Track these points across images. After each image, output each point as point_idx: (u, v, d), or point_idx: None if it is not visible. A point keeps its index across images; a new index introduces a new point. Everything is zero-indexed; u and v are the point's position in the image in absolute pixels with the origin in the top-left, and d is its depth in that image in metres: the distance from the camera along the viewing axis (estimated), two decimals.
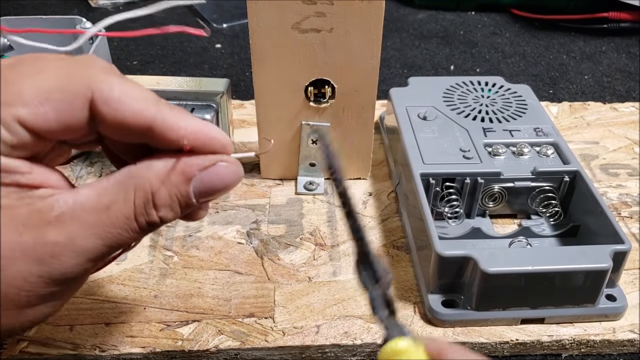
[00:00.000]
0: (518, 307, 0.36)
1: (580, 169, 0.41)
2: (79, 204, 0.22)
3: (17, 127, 0.21)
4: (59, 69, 0.22)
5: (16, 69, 0.21)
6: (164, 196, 0.23)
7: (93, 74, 0.22)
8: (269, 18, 0.39)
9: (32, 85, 0.21)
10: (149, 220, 0.23)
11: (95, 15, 0.78)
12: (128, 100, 0.22)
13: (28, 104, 0.21)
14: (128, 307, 0.37)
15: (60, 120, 0.21)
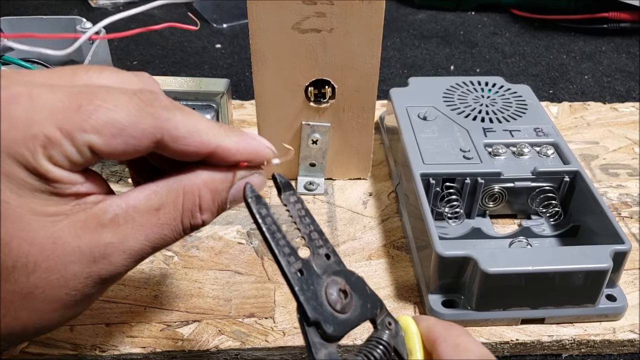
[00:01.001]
0: (518, 307, 0.36)
1: (580, 169, 0.41)
2: (131, 207, 0.24)
3: (86, 151, 0.22)
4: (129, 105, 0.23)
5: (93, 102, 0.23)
6: (209, 201, 0.25)
7: (160, 113, 0.24)
8: (269, 18, 0.39)
9: (108, 118, 0.22)
10: (194, 223, 0.25)
11: (95, 15, 0.78)
12: (193, 136, 0.24)
13: (102, 134, 0.22)
14: (128, 307, 0.37)
15: (126, 151, 0.23)
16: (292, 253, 0.23)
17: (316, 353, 0.22)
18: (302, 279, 0.23)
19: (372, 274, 0.40)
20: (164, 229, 0.24)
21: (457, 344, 0.23)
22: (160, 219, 0.24)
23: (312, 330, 0.22)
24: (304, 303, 0.23)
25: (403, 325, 0.25)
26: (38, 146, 0.21)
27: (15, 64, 0.43)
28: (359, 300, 0.24)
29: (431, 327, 0.24)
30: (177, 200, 0.24)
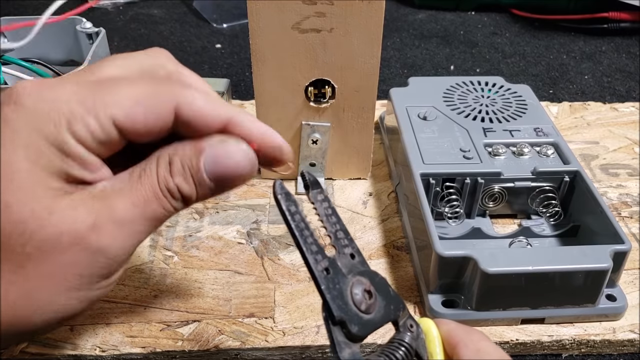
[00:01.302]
0: (518, 307, 0.36)
1: (580, 169, 0.41)
2: (118, 179, 0.25)
3: (110, 126, 0.24)
4: (148, 82, 0.25)
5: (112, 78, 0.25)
6: (178, 165, 0.25)
7: (176, 86, 0.25)
8: (269, 18, 0.39)
9: (127, 90, 0.24)
10: (169, 187, 0.25)
11: (95, 15, 0.78)
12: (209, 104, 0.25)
13: (122, 105, 0.24)
14: (128, 307, 0.37)
15: (148, 124, 0.24)
16: (319, 251, 0.23)
17: (340, 352, 0.22)
18: (328, 277, 0.23)
19: None
20: (147, 192, 0.24)
21: (479, 349, 0.23)
22: (142, 184, 0.24)
23: (337, 330, 0.23)
24: (330, 302, 0.23)
25: (424, 328, 0.25)
26: (63, 120, 0.23)
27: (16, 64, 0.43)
28: (382, 301, 0.24)
29: (452, 331, 0.25)
30: (152, 166, 0.25)
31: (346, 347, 0.22)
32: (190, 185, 0.25)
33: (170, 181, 0.25)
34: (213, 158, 0.25)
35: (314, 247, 0.23)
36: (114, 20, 0.77)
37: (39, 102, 0.23)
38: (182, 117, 0.25)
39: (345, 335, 0.23)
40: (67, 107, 0.23)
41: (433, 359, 0.24)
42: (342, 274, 0.24)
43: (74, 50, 0.50)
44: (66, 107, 0.23)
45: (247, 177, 0.26)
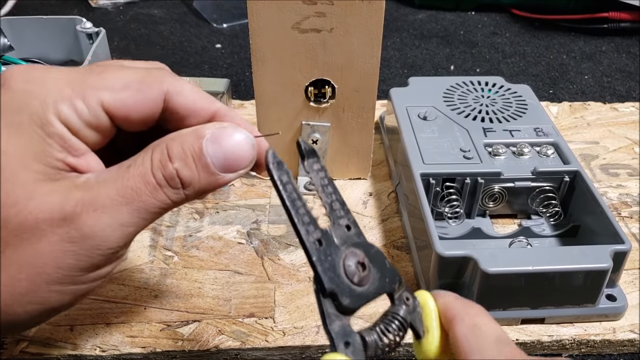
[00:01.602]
0: (518, 307, 0.36)
1: (580, 169, 0.41)
2: (105, 171, 0.24)
3: (98, 109, 0.24)
4: (138, 70, 0.25)
5: (102, 67, 0.25)
6: (178, 149, 0.24)
7: (166, 75, 0.25)
8: (269, 18, 0.39)
9: (116, 75, 0.24)
10: (166, 173, 0.24)
11: (95, 15, 0.78)
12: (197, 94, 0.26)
13: (111, 89, 0.24)
14: (128, 307, 0.37)
15: (137, 107, 0.24)
16: (311, 222, 0.23)
17: (330, 324, 0.22)
18: (320, 249, 0.23)
19: None
20: (135, 182, 0.23)
21: (475, 324, 0.23)
22: (130, 172, 0.23)
23: (328, 302, 0.22)
24: (320, 273, 0.22)
25: (421, 301, 0.24)
26: (49, 101, 0.23)
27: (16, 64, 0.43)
28: (377, 273, 0.24)
29: (449, 304, 0.24)
30: (146, 155, 0.24)
31: (337, 319, 0.22)
32: (192, 169, 0.24)
33: (168, 166, 0.24)
34: (215, 141, 0.24)
35: (306, 218, 0.23)
36: (114, 20, 0.77)
37: (26, 83, 0.23)
38: (172, 104, 0.25)
39: (336, 308, 0.22)
40: (55, 88, 0.23)
41: (429, 335, 0.24)
42: (335, 245, 0.23)
43: (74, 50, 0.50)
44: (54, 87, 0.23)
45: (249, 159, 0.25)
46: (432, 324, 0.24)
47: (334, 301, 0.22)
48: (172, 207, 0.25)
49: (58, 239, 0.22)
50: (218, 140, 0.24)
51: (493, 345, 0.22)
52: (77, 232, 0.22)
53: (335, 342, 0.21)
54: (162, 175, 0.24)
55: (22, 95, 0.23)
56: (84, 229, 0.22)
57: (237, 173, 0.25)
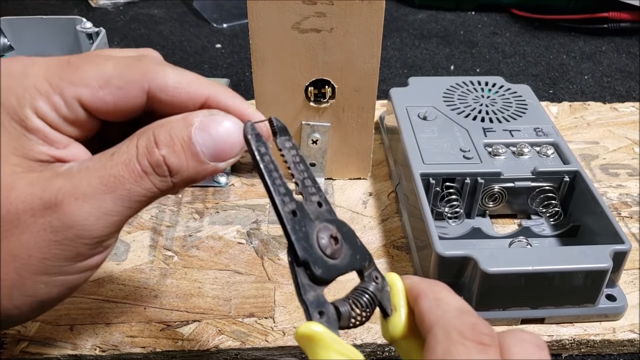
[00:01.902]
0: (518, 307, 0.36)
1: (580, 169, 0.41)
2: (88, 159, 0.24)
3: (76, 105, 0.23)
4: (120, 60, 0.24)
5: (82, 58, 0.24)
6: (165, 135, 0.23)
7: (148, 66, 0.24)
8: (269, 18, 0.39)
9: (95, 70, 0.23)
10: (152, 160, 0.23)
11: (95, 15, 0.78)
12: (182, 85, 0.24)
13: (89, 85, 0.23)
14: (128, 307, 0.37)
15: (117, 105, 0.24)
16: (287, 194, 0.23)
17: (305, 294, 0.22)
18: (295, 219, 0.23)
19: None
20: (119, 169, 0.23)
21: (438, 298, 0.23)
22: (113, 160, 0.23)
23: (302, 272, 0.22)
24: (294, 242, 0.23)
25: (390, 281, 0.25)
26: (27, 96, 0.22)
27: None
28: (348, 250, 0.24)
29: (415, 284, 0.25)
30: (131, 142, 0.23)
31: (310, 289, 0.22)
32: (180, 156, 0.23)
33: (155, 152, 0.23)
34: (204, 129, 0.24)
35: (282, 189, 0.23)
36: (114, 20, 0.77)
37: (5, 79, 0.23)
38: (156, 96, 0.24)
39: (309, 277, 0.22)
40: (32, 84, 0.23)
41: (396, 313, 0.24)
42: (309, 218, 0.24)
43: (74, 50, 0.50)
44: (31, 83, 0.23)
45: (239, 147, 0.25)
46: (400, 302, 0.24)
47: (306, 270, 0.23)
48: (159, 195, 0.24)
49: (41, 228, 0.22)
50: (207, 129, 0.24)
51: (456, 313, 0.22)
52: (58, 221, 0.22)
53: (310, 312, 0.22)
54: (147, 162, 0.23)
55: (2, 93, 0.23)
56: (66, 217, 0.22)
57: (227, 162, 0.25)
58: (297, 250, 0.22)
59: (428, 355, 0.21)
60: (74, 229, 0.22)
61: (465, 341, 0.21)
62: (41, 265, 0.22)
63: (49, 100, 0.23)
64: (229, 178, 0.47)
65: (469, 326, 0.22)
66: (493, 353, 0.21)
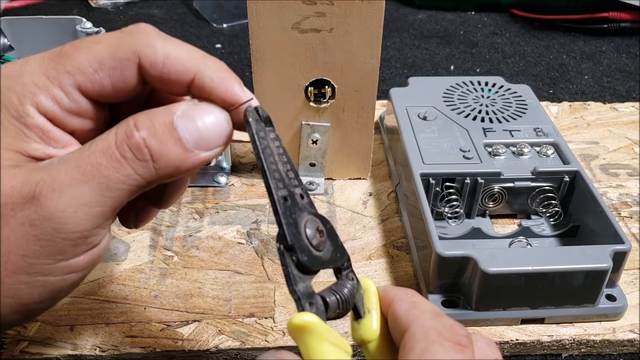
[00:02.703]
0: (518, 307, 0.36)
1: (580, 169, 0.41)
2: (69, 153, 0.23)
3: (77, 95, 0.23)
4: (110, 39, 0.24)
5: (74, 45, 0.24)
6: (145, 120, 0.23)
7: (138, 39, 0.24)
8: (269, 18, 0.39)
9: (87, 55, 0.23)
10: (130, 142, 0.22)
11: (95, 15, 0.78)
12: (170, 61, 0.24)
13: (84, 72, 0.23)
14: (128, 307, 0.37)
15: (115, 85, 0.23)
16: (281, 180, 0.24)
17: (295, 284, 0.22)
18: (286, 205, 0.23)
19: (372, 274, 0.40)
20: (96, 157, 0.22)
21: (414, 301, 0.24)
22: (91, 148, 0.22)
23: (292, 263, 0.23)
24: (285, 227, 0.23)
25: (364, 285, 0.25)
26: (27, 93, 0.22)
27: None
28: (331, 246, 0.25)
29: (389, 289, 0.25)
30: (110, 130, 0.23)
31: (300, 280, 0.23)
32: (161, 140, 0.23)
33: (134, 135, 0.22)
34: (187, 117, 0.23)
35: (276, 174, 0.24)
36: (114, 20, 0.77)
37: (4, 80, 0.23)
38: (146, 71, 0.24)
39: (295, 265, 0.23)
40: (31, 80, 0.23)
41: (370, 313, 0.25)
42: (298, 207, 0.24)
43: None
44: (29, 79, 0.23)
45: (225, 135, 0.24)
46: (373, 305, 0.25)
47: (292, 256, 0.23)
48: (142, 184, 0.23)
49: (19, 222, 0.21)
50: (191, 117, 0.23)
51: (433, 315, 0.23)
52: (36, 214, 0.21)
53: (302, 302, 0.22)
54: (126, 146, 0.22)
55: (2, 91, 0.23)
56: (43, 210, 0.21)
57: (212, 151, 0.24)
58: (286, 235, 0.23)
59: (406, 355, 0.22)
60: (52, 222, 0.22)
61: (443, 341, 0.22)
62: (21, 263, 0.22)
63: (49, 94, 0.23)
64: (229, 178, 0.47)
65: (446, 327, 0.22)
66: (469, 353, 0.22)
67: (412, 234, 0.41)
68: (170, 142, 0.23)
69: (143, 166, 0.22)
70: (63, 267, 0.23)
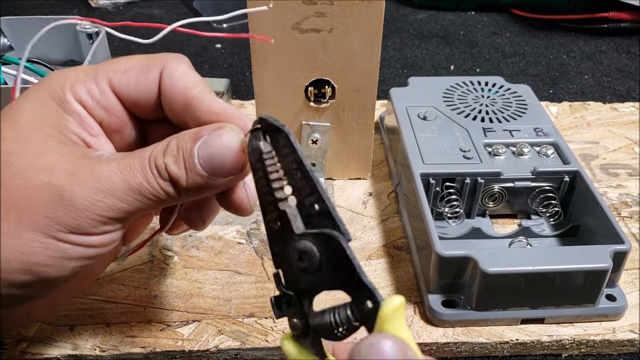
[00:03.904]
0: (518, 307, 0.36)
1: (580, 169, 0.41)
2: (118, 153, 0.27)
3: (108, 90, 0.27)
4: (144, 55, 0.28)
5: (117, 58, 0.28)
6: (173, 147, 0.26)
7: (167, 59, 0.28)
8: (269, 18, 0.39)
9: (124, 61, 0.28)
10: (157, 162, 0.25)
11: (95, 16, 0.78)
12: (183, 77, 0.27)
13: (117, 71, 0.27)
14: (128, 307, 0.37)
15: (139, 87, 0.27)
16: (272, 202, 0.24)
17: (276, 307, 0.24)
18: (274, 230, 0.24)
19: (372, 274, 0.40)
20: (134, 162, 0.25)
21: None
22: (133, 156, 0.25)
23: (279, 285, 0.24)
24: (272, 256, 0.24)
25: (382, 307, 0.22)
26: (68, 84, 0.26)
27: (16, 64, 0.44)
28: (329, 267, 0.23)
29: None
30: (153, 145, 0.26)
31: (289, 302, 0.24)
32: (180, 167, 0.25)
33: (160, 158, 0.25)
34: (206, 142, 0.25)
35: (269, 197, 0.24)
36: (114, 20, 0.77)
37: (55, 75, 0.27)
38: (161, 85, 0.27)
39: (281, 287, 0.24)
40: (74, 74, 0.27)
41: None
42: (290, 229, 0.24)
43: (74, 50, 0.50)
44: (72, 74, 0.27)
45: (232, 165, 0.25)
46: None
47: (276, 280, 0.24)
48: (166, 200, 0.26)
49: (50, 191, 0.24)
50: (209, 142, 0.25)
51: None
52: (69, 188, 0.24)
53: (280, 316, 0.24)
54: (155, 166, 0.25)
55: (48, 81, 0.27)
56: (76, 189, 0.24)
57: (227, 178, 0.26)
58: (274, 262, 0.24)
59: None
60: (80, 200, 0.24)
61: None
62: (41, 224, 0.24)
63: (85, 86, 0.27)
64: None
65: None
66: None
67: (412, 234, 0.41)
68: (188, 169, 0.25)
69: (166, 186, 0.25)
70: (74, 239, 0.25)
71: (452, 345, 0.35)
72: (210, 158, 0.25)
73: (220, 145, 0.25)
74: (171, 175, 0.25)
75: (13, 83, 0.31)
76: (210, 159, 0.25)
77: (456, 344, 0.35)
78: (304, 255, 0.23)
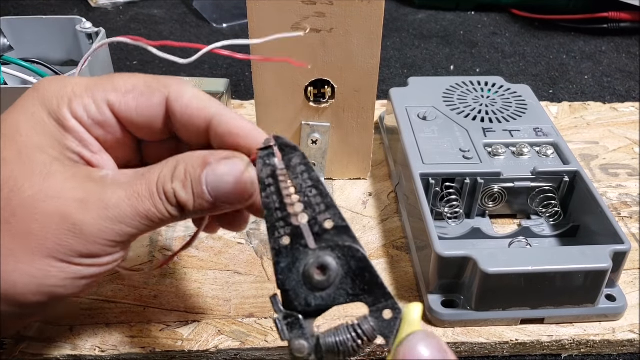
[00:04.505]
0: (518, 307, 0.36)
1: (580, 169, 0.41)
2: (123, 173, 0.26)
3: (105, 108, 0.27)
4: (145, 76, 0.28)
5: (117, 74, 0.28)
6: (181, 171, 0.26)
7: (171, 81, 0.27)
8: (269, 18, 0.39)
9: (125, 79, 0.27)
10: (165, 188, 0.25)
11: (95, 16, 0.78)
12: (195, 99, 0.27)
13: (117, 90, 0.27)
14: (128, 307, 0.37)
15: (139, 108, 0.27)
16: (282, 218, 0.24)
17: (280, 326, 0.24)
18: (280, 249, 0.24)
19: None
20: (142, 188, 0.25)
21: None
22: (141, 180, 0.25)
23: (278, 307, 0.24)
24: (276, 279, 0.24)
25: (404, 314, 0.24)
26: (65, 99, 0.26)
27: (15, 64, 0.44)
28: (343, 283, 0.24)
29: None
30: (158, 168, 0.26)
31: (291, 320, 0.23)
32: (188, 193, 0.26)
33: (168, 184, 0.25)
34: (214, 170, 0.26)
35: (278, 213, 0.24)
36: (114, 20, 0.77)
37: (50, 86, 0.26)
38: (171, 109, 0.27)
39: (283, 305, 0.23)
40: (71, 90, 0.26)
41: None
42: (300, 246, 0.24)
43: (74, 50, 0.50)
44: (70, 89, 0.26)
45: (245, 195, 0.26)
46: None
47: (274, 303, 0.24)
48: (172, 220, 0.26)
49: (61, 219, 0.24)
50: (216, 171, 0.26)
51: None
52: (79, 216, 0.24)
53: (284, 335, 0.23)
54: (163, 189, 0.25)
55: (45, 94, 0.26)
56: (86, 218, 0.24)
57: (235, 206, 0.27)
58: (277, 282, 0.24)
59: None
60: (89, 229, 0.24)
61: None
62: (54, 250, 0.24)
63: (82, 102, 0.26)
64: None
65: None
66: None
67: (412, 234, 0.41)
68: (196, 195, 0.26)
69: (173, 208, 0.26)
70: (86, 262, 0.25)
71: (451, 346, 0.35)
72: (218, 186, 0.26)
73: (226, 176, 0.26)
74: (179, 200, 0.26)
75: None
76: (217, 187, 0.26)
77: (456, 344, 0.35)
78: (324, 268, 0.23)
